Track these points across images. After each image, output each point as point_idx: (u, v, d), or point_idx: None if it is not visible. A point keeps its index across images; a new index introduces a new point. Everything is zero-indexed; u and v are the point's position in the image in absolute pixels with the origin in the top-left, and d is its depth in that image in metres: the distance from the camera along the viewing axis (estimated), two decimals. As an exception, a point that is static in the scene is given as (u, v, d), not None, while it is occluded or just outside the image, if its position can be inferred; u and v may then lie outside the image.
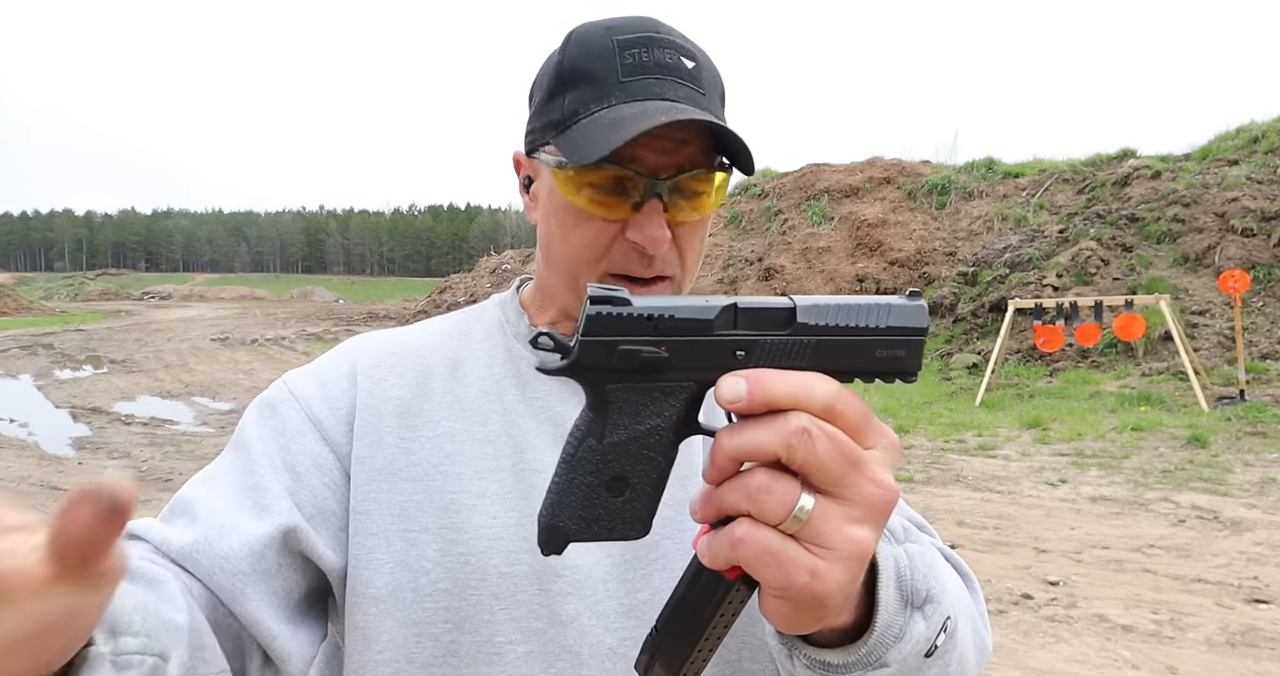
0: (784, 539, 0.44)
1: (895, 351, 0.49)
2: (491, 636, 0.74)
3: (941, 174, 17.65)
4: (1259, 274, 12.19)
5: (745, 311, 0.48)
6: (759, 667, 0.78)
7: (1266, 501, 6.08)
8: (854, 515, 0.44)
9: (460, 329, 0.90)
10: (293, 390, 0.83)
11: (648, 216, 0.75)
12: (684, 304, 0.48)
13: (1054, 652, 3.84)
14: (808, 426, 0.43)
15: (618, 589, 0.76)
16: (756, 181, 19.70)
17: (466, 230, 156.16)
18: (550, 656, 0.74)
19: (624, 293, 0.48)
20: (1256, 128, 15.24)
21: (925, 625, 0.56)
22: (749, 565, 0.44)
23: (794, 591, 0.44)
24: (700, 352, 0.48)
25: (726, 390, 0.44)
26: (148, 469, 7.90)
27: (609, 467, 0.49)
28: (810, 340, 0.48)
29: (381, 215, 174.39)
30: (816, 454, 0.43)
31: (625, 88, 0.75)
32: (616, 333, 0.47)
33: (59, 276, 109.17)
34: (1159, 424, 8.62)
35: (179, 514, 0.75)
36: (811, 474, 0.44)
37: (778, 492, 0.43)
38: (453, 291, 23.62)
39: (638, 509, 0.50)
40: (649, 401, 0.48)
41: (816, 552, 0.44)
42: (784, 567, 0.43)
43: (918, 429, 9.11)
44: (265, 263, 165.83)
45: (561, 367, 0.48)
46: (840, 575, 0.44)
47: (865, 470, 0.44)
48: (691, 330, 0.47)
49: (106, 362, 18.19)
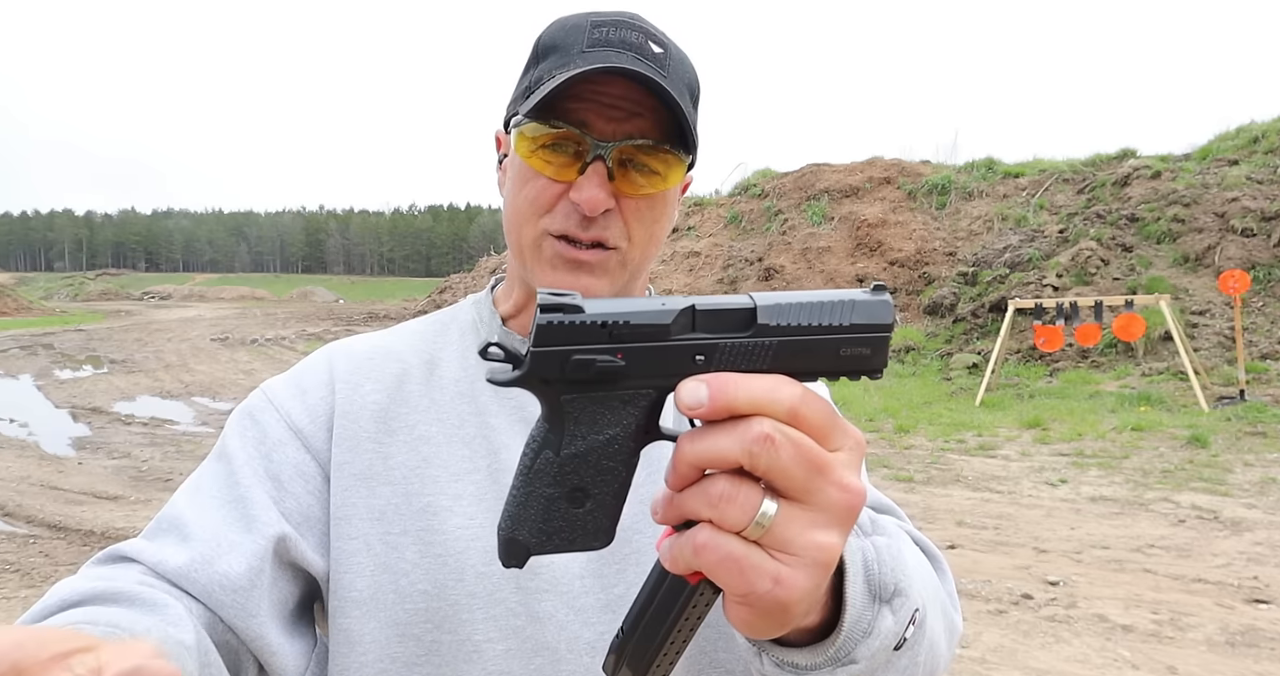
0: (747, 545, 0.43)
1: (860, 349, 0.48)
2: (470, 635, 0.75)
3: (941, 174, 17.64)
4: (1259, 274, 12.19)
5: (704, 314, 0.46)
6: (733, 657, 0.80)
7: (1266, 501, 6.08)
8: (819, 520, 0.43)
9: (436, 330, 0.92)
10: (272, 399, 0.84)
11: (589, 178, 0.77)
12: (639, 308, 0.46)
13: (1054, 652, 3.84)
14: (771, 433, 0.42)
15: (594, 584, 0.78)
16: (757, 181, 19.70)
17: (466, 230, 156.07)
18: (529, 653, 0.75)
19: (576, 297, 0.46)
20: (1256, 128, 15.25)
21: (894, 619, 0.56)
22: (711, 572, 0.44)
23: (757, 598, 0.43)
24: (658, 359, 0.46)
25: (687, 396, 0.43)
26: (148, 469, 7.89)
27: (568, 479, 0.47)
28: (772, 341, 0.46)
29: (381, 215, 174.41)
30: (780, 461, 0.42)
31: (586, 56, 0.77)
32: (569, 342, 0.45)
33: (59, 276, 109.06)
34: (1159, 424, 8.62)
35: (167, 531, 0.75)
36: (775, 480, 0.43)
37: (739, 500, 0.42)
38: (453, 291, 23.60)
39: (600, 519, 0.48)
40: (606, 411, 0.46)
41: (781, 558, 0.43)
42: (746, 575, 0.43)
43: (918, 429, 9.10)
44: (265, 263, 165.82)
45: (513, 380, 0.46)
46: (805, 581, 0.43)
47: (830, 475, 0.43)
48: (648, 336, 0.45)
49: (106, 362, 18.19)
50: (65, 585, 0.67)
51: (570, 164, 0.78)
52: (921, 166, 18.40)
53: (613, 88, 0.77)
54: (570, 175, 0.79)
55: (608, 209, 0.78)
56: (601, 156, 0.77)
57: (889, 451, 8.19)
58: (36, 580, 4.96)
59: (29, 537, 5.78)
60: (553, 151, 0.79)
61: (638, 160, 0.79)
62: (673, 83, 0.79)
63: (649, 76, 0.74)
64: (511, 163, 0.84)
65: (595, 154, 0.77)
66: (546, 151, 0.79)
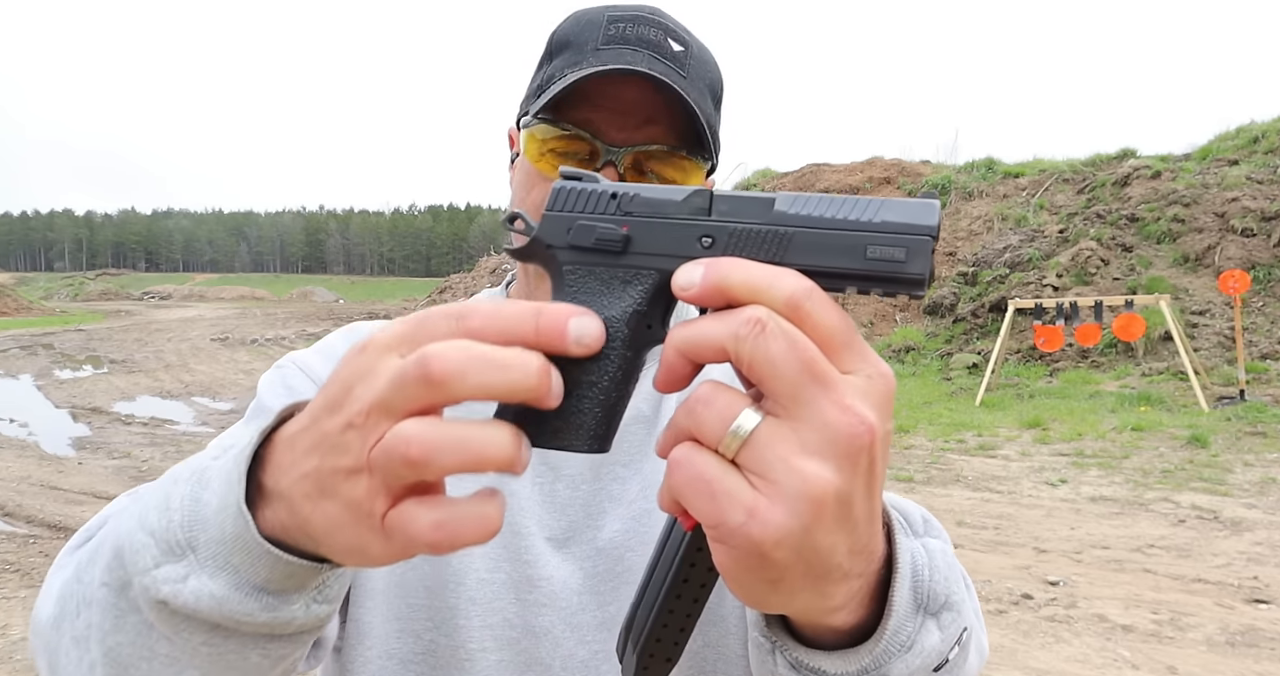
0: (723, 466, 0.36)
1: (892, 250, 0.40)
2: (465, 642, 0.74)
3: (941, 174, 17.65)
4: (1259, 274, 12.19)
5: (720, 198, 0.43)
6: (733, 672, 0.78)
7: (1266, 501, 6.08)
8: (809, 443, 0.35)
9: None
10: (304, 368, 0.82)
11: None
12: (654, 187, 0.44)
13: (1054, 652, 3.84)
14: (763, 317, 0.36)
15: (590, 601, 0.77)
16: (756, 181, 19.70)
17: (466, 230, 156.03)
18: (522, 666, 0.74)
19: (597, 175, 0.45)
20: (1256, 128, 15.25)
21: (940, 636, 0.50)
22: (680, 495, 0.37)
23: (729, 532, 0.36)
24: (662, 235, 0.43)
25: (680, 276, 0.39)
26: (148, 469, 7.89)
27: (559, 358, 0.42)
28: (787, 230, 0.41)
29: (381, 215, 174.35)
30: (769, 352, 0.35)
31: (600, 54, 0.75)
32: (578, 208, 0.44)
33: (59, 276, 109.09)
34: (1159, 424, 8.62)
35: None
36: (762, 379, 0.36)
37: (717, 404, 0.37)
38: (453, 291, 23.60)
39: (586, 416, 0.41)
40: (606, 288, 0.43)
41: (759, 486, 0.36)
42: (717, 500, 0.36)
43: (918, 429, 9.10)
44: (265, 263, 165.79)
45: (523, 246, 0.45)
46: (783, 517, 0.35)
47: (831, 390, 0.36)
48: (656, 210, 0.43)
49: (106, 362, 18.19)
50: (119, 500, 0.63)
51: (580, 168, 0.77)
52: (921, 166, 18.40)
53: (627, 90, 0.74)
54: None
55: None
56: (613, 162, 0.75)
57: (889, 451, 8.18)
58: (36, 580, 4.95)
59: (29, 537, 5.78)
60: (562, 155, 0.77)
61: (651, 166, 0.77)
62: (693, 84, 0.77)
63: (665, 81, 0.72)
64: (520, 163, 0.83)
65: (606, 159, 0.75)
66: (555, 155, 0.77)
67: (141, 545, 0.44)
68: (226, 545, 0.42)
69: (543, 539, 0.78)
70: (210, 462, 0.46)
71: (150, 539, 0.44)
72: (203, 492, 0.44)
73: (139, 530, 0.45)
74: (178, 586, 0.43)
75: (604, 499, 0.80)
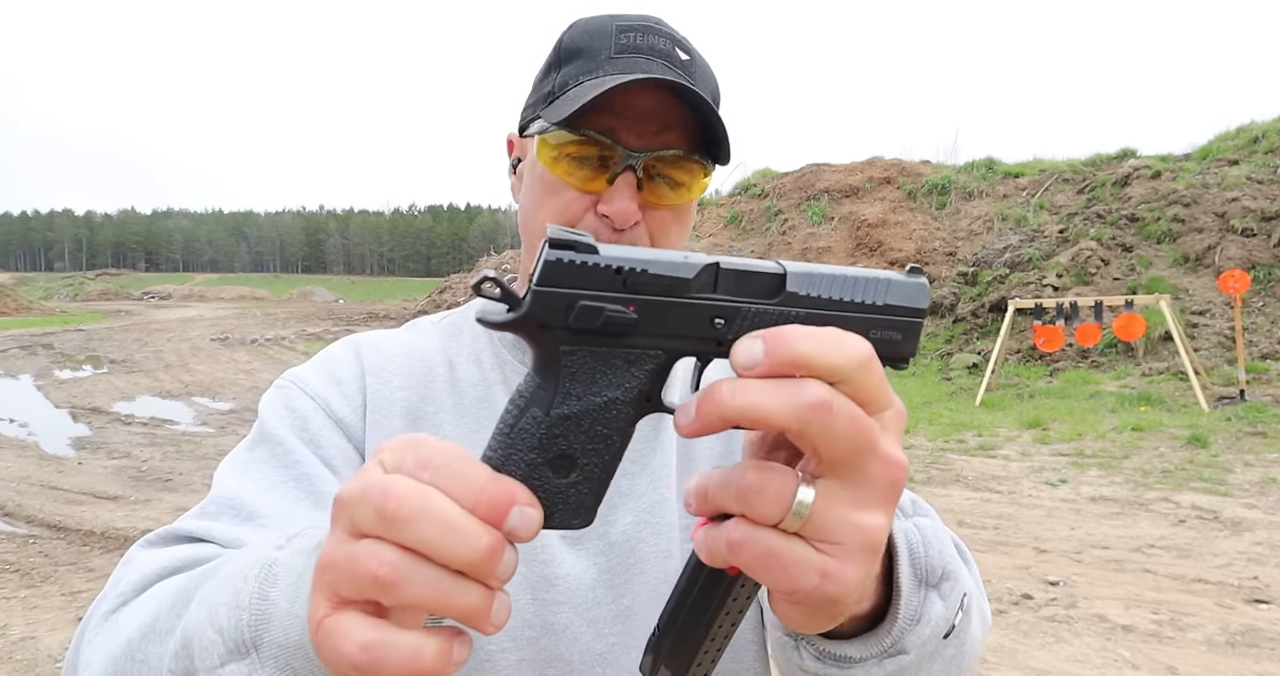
0: (787, 539, 0.38)
1: (890, 333, 0.43)
2: (484, 643, 0.74)
3: (941, 174, 17.65)
4: (1259, 274, 12.19)
5: (729, 273, 0.42)
6: (741, 668, 0.79)
7: (1266, 501, 6.08)
8: (863, 499, 0.39)
9: (450, 332, 0.91)
10: (305, 388, 0.82)
11: (619, 189, 0.76)
12: (659, 258, 0.41)
13: (1054, 652, 3.84)
14: (829, 399, 0.37)
15: (605, 595, 0.77)
16: (757, 181, 19.70)
17: (466, 230, 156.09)
18: (542, 664, 0.75)
19: (590, 238, 0.41)
20: (1256, 128, 15.25)
21: (944, 605, 0.53)
22: (749, 570, 0.39)
23: (805, 595, 0.39)
24: (673, 317, 0.41)
25: (742, 356, 0.38)
26: (147, 469, 7.89)
27: (555, 443, 0.41)
28: (799, 312, 0.42)
29: (381, 215, 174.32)
30: (833, 433, 0.37)
31: (614, 62, 0.76)
32: (577, 285, 0.40)
33: (59, 276, 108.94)
34: (1159, 424, 8.62)
35: (229, 511, 0.70)
36: (819, 453, 0.38)
37: (771, 491, 0.38)
38: (453, 291, 23.58)
39: (584, 494, 0.42)
40: (608, 369, 0.41)
41: (825, 549, 0.38)
42: (790, 571, 0.38)
43: (918, 429, 9.10)
44: (265, 263, 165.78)
45: (508, 321, 0.40)
46: (854, 571, 0.39)
47: (877, 449, 0.39)
48: (665, 290, 0.41)
49: (106, 362, 18.18)
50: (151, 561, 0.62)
51: (596, 175, 0.77)
52: (921, 166, 18.40)
53: (644, 98, 0.75)
54: (598, 186, 0.77)
55: (636, 221, 0.77)
56: (632, 167, 0.76)
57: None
58: (36, 580, 4.95)
59: (29, 537, 5.78)
60: (578, 161, 0.77)
61: (664, 172, 0.78)
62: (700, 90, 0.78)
63: (690, 88, 0.72)
64: (531, 171, 0.82)
65: (626, 164, 0.76)
66: (572, 162, 0.77)
67: (210, 642, 0.46)
68: (289, 650, 0.44)
69: (556, 537, 0.78)
70: (276, 554, 0.47)
71: (219, 637, 0.46)
72: (270, 591, 0.45)
73: (208, 627, 0.46)
74: None
75: (614, 494, 0.80)
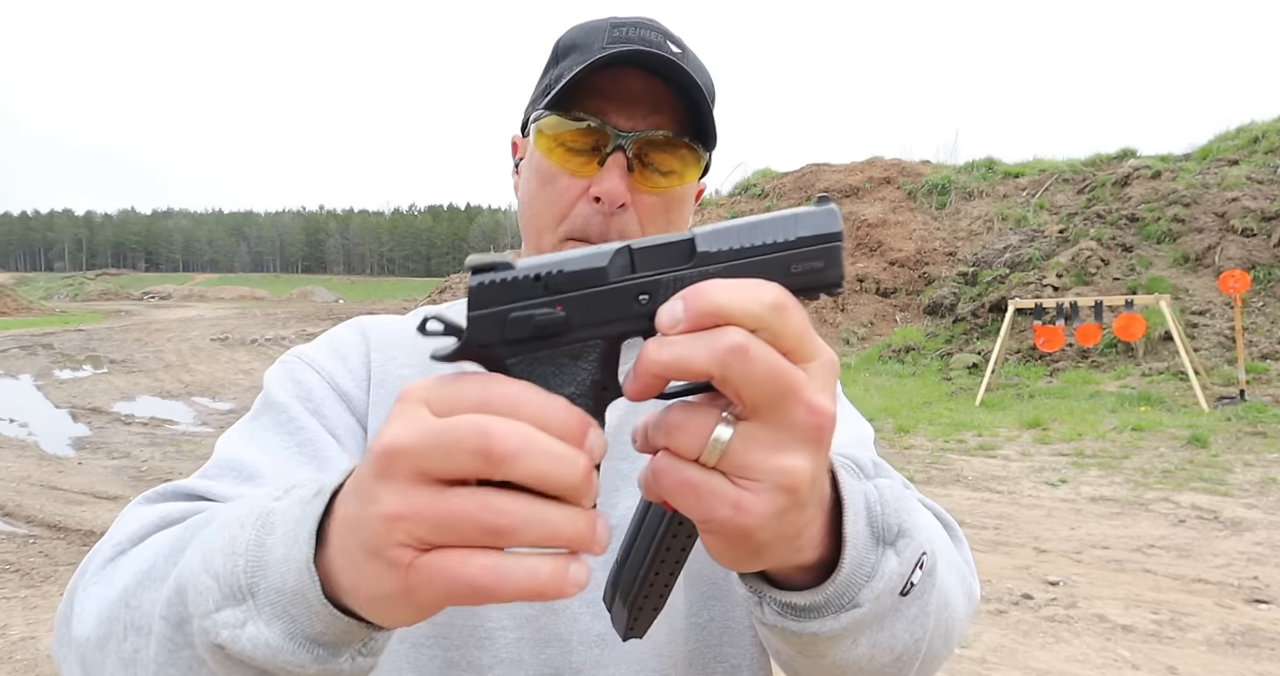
0: (705, 471, 0.41)
1: (812, 263, 0.45)
2: (484, 621, 0.76)
3: (941, 174, 17.66)
4: (1259, 274, 12.20)
5: (641, 252, 0.44)
6: (739, 652, 0.81)
7: (1266, 501, 6.08)
8: (784, 442, 0.41)
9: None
10: (311, 363, 0.83)
11: (609, 169, 0.78)
12: (573, 256, 0.43)
13: (1054, 652, 3.84)
14: (745, 343, 0.39)
15: (604, 577, 0.78)
16: (757, 181, 19.71)
17: (466, 230, 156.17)
18: (541, 642, 0.76)
19: (506, 257, 0.43)
20: (1256, 128, 15.26)
21: (899, 561, 0.54)
22: (670, 498, 0.42)
23: (719, 525, 0.41)
24: (600, 305, 0.43)
25: (665, 318, 0.40)
26: (147, 469, 7.89)
27: None
28: (716, 268, 0.44)
29: (381, 215, 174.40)
30: (750, 375, 0.39)
31: (607, 52, 0.78)
32: (506, 301, 0.42)
33: (59, 276, 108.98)
34: (1159, 424, 8.62)
35: (230, 472, 0.71)
36: (741, 396, 0.40)
37: (691, 427, 0.41)
38: (453, 291, 23.59)
39: None
40: (557, 370, 0.43)
41: (741, 484, 0.41)
42: (704, 500, 0.41)
43: (918, 429, 9.10)
44: (265, 263, 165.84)
45: (454, 352, 0.43)
46: (765, 506, 0.41)
47: (799, 394, 0.40)
48: (586, 282, 0.43)
49: (106, 362, 18.19)
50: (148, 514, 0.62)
51: (590, 159, 0.79)
52: (921, 166, 18.41)
53: (634, 82, 0.78)
54: (590, 170, 0.80)
55: (624, 204, 0.79)
56: (621, 147, 0.78)
57: (889, 451, 8.18)
58: (36, 580, 4.96)
59: (29, 537, 5.78)
60: (572, 147, 0.80)
61: (655, 157, 0.80)
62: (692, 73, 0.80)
63: (674, 63, 0.74)
64: (530, 162, 0.85)
65: (615, 144, 0.78)
66: (565, 149, 0.80)
67: (205, 587, 0.46)
68: (286, 596, 0.44)
69: None
70: (273, 505, 0.47)
71: (214, 582, 0.45)
72: (267, 538, 0.45)
73: (203, 572, 0.46)
74: (235, 632, 0.44)
75: (616, 477, 0.82)
